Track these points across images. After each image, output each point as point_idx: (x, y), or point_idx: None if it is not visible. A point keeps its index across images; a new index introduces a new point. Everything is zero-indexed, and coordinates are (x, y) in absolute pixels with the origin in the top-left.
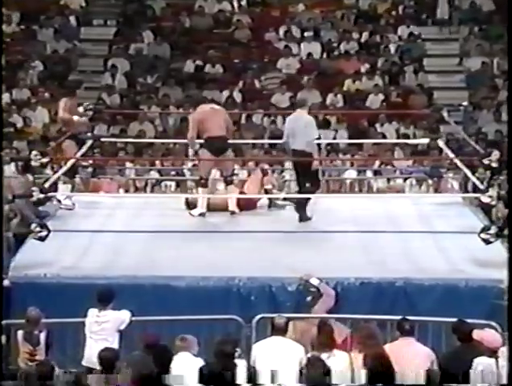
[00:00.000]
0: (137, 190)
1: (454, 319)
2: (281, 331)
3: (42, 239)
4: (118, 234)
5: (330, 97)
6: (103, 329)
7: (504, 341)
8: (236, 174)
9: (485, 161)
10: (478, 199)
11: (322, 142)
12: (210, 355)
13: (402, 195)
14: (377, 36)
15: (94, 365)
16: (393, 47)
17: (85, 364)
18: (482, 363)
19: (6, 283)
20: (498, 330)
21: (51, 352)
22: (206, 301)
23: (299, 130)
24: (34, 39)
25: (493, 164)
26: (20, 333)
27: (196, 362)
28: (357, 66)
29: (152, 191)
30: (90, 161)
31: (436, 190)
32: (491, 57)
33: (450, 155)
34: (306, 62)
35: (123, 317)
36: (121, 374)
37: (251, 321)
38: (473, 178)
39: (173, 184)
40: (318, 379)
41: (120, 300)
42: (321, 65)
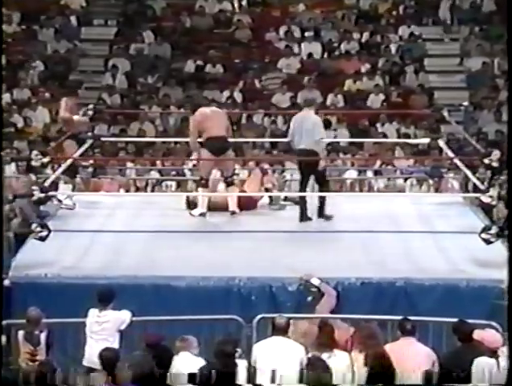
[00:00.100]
0: (137, 190)
1: (455, 319)
2: (281, 331)
3: (42, 239)
4: (119, 234)
5: (331, 97)
6: (103, 329)
7: (505, 341)
8: (236, 174)
9: (486, 161)
10: (479, 199)
11: (323, 142)
12: (211, 355)
13: (402, 195)
14: (377, 36)
15: (95, 365)
16: (393, 47)
17: (86, 364)
18: (483, 364)
19: (7, 283)
20: (499, 330)
21: (51, 352)
22: (206, 301)
23: (307, 130)
24: (34, 39)
25: (494, 164)
26: (21, 333)
27: (197, 362)
28: (358, 66)
29: (153, 191)
30: (91, 161)
31: (437, 190)
32: (492, 57)
33: (450, 155)
34: (306, 62)
35: (123, 317)
36: (121, 374)
37: (252, 321)
38: (474, 178)
39: (174, 184)
40: (319, 379)
41: (120, 300)
42: (322, 65)
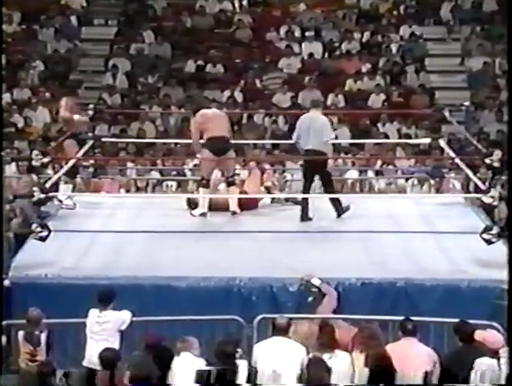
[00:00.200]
0: (138, 190)
1: (456, 320)
2: (282, 332)
3: (43, 239)
4: (119, 234)
5: (331, 97)
6: (104, 329)
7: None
8: (237, 174)
9: (487, 161)
10: (480, 200)
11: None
12: (211, 356)
13: (403, 195)
14: (378, 36)
15: (95, 365)
16: (394, 47)
17: (86, 365)
18: (484, 364)
19: (7, 283)
20: (500, 330)
21: (51, 353)
22: (207, 301)
23: (315, 131)
24: (35, 39)
25: (495, 164)
26: (21, 333)
27: (198, 363)
28: (359, 66)
29: (153, 191)
30: (91, 161)
31: (438, 190)
32: (493, 57)
33: (452, 155)
34: (307, 62)
35: (124, 317)
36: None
37: (252, 321)
38: (475, 178)
39: (174, 184)
40: (319, 379)
41: (121, 300)
42: (322, 65)
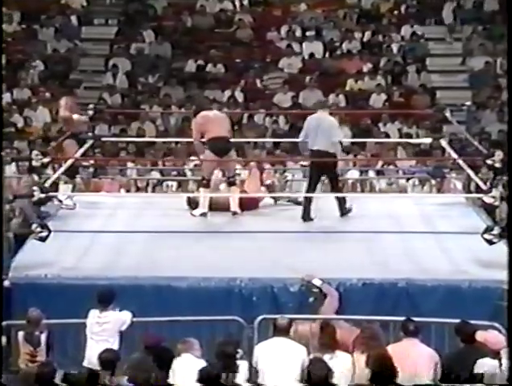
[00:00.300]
0: (138, 190)
1: (457, 320)
2: (283, 332)
3: (43, 239)
4: (119, 234)
5: (332, 97)
6: (104, 330)
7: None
8: (238, 174)
9: (489, 161)
10: (481, 200)
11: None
12: (212, 357)
13: (404, 195)
14: (379, 36)
15: (95, 366)
16: (395, 47)
17: (86, 365)
18: (486, 365)
19: (7, 284)
20: (502, 331)
21: (51, 353)
22: (207, 301)
23: (323, 131)
24: (35, 39)
25: (497, 164)
26: (21, 334)
27: (199, 364)
28: (360, 65)
29: (153, 192)
30: (91, 161)
31: (439, 190)
32: (494, 57)
33: (453, 155)
34: (308, 61)
35: (124, 318)
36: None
37: (253, 322)
38: (476, 178)
39: (174, 184)
40: (320, 380)
41: (121, 301)
42: (323, 65)
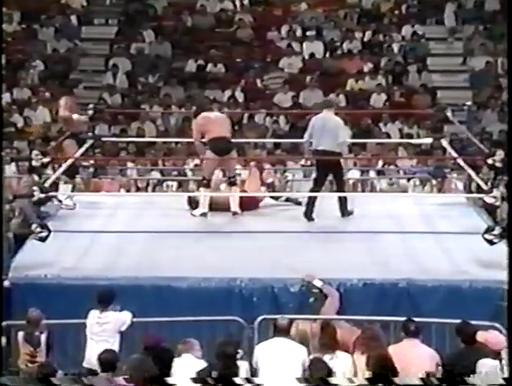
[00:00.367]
0: (138, 190)
1: (458, 321)
2: (283, 332)
3: (42, 239)
4: (119, 234)
5: (333, 97)
6: (104, 330)
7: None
8: (238, 174)
9: (489, 161)
10: (482, 200)
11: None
12: (212, 357)
13: (405, 195)
14: (380, 35)
15: (95, 366)
16: (396, 47)
17: (86, 366)
18: (486, 365)
19: (7, 284)
20: (502, 331)
21: (51, 354)
22: (208, 302)
23: (329, 131)
24: (35, 39)
25: (497, 164)
26: (21, 334)
27: (199, 364)
28: (360, 65)
29: (154, 191)
30: (91, 161)
31: (440, 190)
32: (495, 56)
33: (454, 155)
34: (308, 61)
35: (124, 318)
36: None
37: (253, 322)
38: (477, 178)
39: (175, 184)
40: (320, 380)
41: (121, 301)
42: (324, 64)
